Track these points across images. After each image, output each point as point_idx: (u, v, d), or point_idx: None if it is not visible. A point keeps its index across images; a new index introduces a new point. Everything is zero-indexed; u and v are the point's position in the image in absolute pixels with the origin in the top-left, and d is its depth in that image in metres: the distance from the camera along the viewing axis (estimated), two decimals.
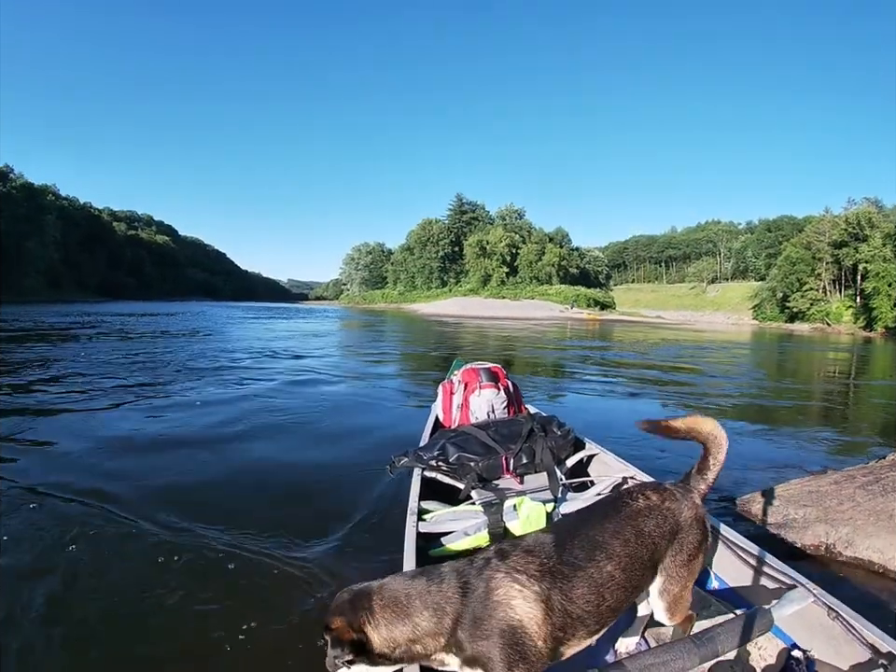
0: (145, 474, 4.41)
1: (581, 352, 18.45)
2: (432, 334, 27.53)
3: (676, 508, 1.77)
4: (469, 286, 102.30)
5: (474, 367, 4.17)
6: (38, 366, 10.27)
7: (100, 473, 4.40)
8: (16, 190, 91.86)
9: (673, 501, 1.78)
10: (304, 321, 37.55)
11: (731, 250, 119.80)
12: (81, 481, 4.17)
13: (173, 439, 5.61)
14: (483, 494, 2.89)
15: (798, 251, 78.49)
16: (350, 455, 5.17)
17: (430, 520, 2.64)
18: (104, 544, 3.23)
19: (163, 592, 2.73)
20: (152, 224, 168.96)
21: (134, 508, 3.71)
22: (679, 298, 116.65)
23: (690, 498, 1.82)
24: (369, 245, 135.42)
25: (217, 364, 11.58)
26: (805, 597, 1.85)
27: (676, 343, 25.71)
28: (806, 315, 74.02)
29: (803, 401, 10.13)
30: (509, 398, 4.08)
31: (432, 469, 3.13)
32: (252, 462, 4.98)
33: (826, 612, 1.80)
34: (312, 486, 4.30)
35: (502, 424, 3.45)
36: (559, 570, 1.54)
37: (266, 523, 3.53)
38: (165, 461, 4.85)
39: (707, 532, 1.81)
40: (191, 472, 4.57)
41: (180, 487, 4.19)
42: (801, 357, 23.23)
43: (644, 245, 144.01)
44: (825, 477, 4.16)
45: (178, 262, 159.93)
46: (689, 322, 74.14)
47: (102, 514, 3.61)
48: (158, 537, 3.31)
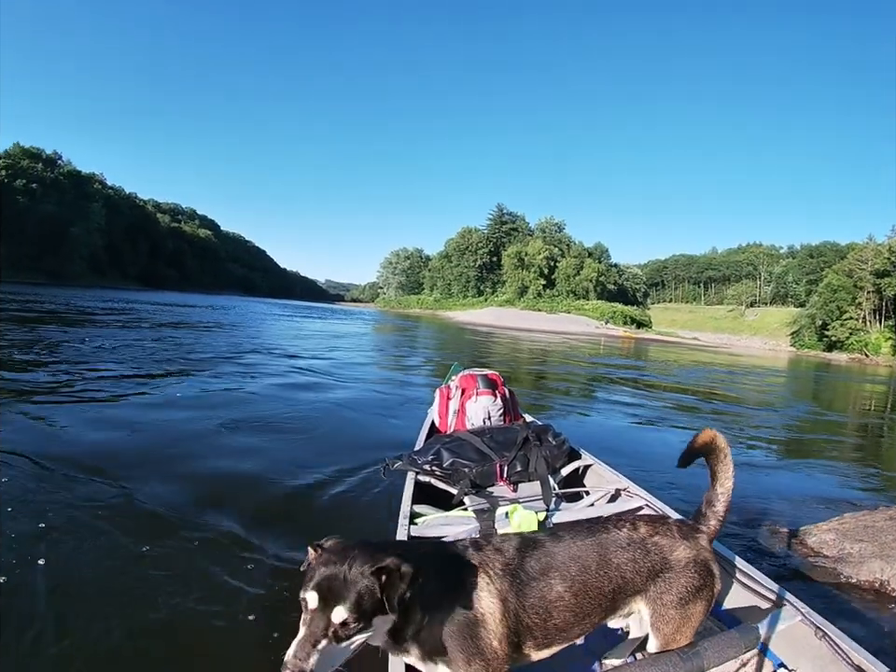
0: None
1: (612, 371, 17.65)
2: (465, 343, 26.96)
3: (667, 545, 1.66)
4: (506, 296, 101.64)
5: (472, 373, 4.14)
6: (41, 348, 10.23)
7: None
8: (63, 177, 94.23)
9: (666, 537, 1.67)
10: (340, 321, 37.45)
11: (771, 274, 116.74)
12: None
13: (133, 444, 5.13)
14: (475, 500, 2.86)
15: (840, 279, 76.12)
16: (346, 457, 5.09)
17: (422, 524, 2.60)
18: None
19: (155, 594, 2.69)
20: (195, 218, 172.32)
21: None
22: (716, 320, 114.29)
23: (693, 539, 1.70)
24: (407, 250, 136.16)
25: (220, 359, 11.44)
26: (792, 616, 1.84)
27: (712, 367, 24.76)
28: (845, 344, 71.54)
29: (845, 436, 9.63)
30: (505, 405, 4.04)
31: (426, 473, 3.12)
32: (240, 454, 5.00)
33: (813, 632, 1.79)
34: (302, 488, 4.23)
35: (497, 431, 3.42)
36: (517, 575, 1.55)
37: (256, 517, 3.59)
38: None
39: (709, 578, 1.67)
40: (166, 477, 4.31)
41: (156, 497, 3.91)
42: (838, 387, 22.28)
43: (684, 265, 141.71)
44: (879, 513, 4.13)
45: (219, 256, 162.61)
46: (725, 345, 72.32)
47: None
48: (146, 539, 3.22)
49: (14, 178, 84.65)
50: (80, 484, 3.88)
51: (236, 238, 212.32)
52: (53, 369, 8.26)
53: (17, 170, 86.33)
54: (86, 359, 9.41)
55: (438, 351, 20.92)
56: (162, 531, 3.30)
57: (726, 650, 1.62)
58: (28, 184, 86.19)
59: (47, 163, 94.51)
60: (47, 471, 4.04)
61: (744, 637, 1.67)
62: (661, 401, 11.02)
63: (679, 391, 13.07)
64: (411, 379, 11.31)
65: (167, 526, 3.38)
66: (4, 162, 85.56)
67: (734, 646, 1.64)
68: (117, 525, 3.32)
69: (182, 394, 7.42)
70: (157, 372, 8.84)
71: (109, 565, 2.92)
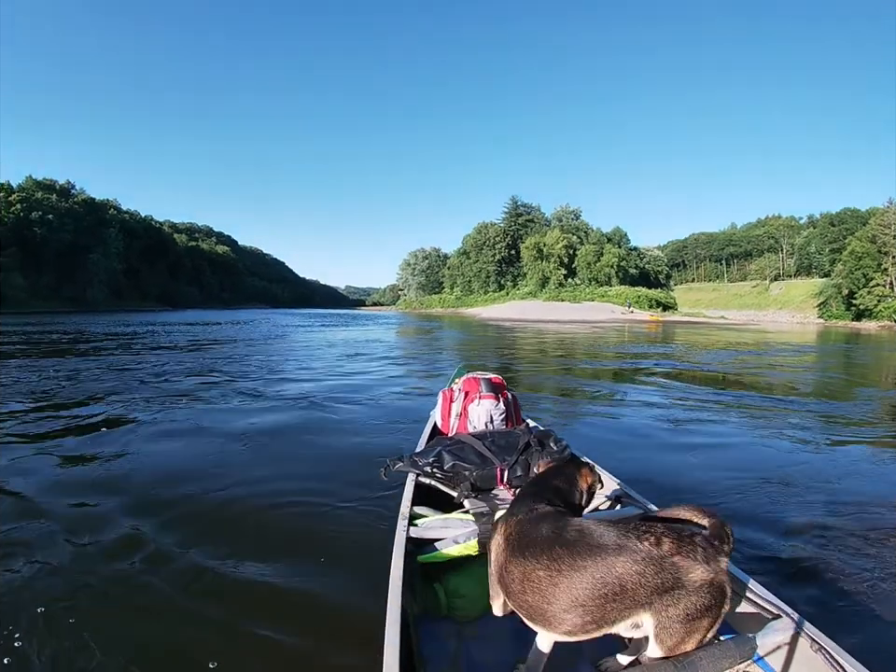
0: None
1: (638, 362, 15.71)
2: (490, 341, 25.71)
3: (685, 566, 1.58)
4: (527, 289, 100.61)
5: (476, 376, 4.11)
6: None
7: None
8: (78, 206, 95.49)
9: (687, 559, 1.58)
10: (362, 328, 36.29)
11: (793, 246, 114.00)
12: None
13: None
14: (475, 503, 2.82)
15: (863, 245, 73.70)
16: (349, 457, 5.23)
17: (421, 525, 2.62)
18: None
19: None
20: (212, 235, 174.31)
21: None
22: (740, 297, 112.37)
23: (714, 561, 1.60)
24: (425, 250, 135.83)
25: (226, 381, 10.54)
26: (788, 627, 1.83)
27: (745, 348, 22.68)
28: (874, 312, 69.48)
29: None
30: (507, 409, 3.99)
31: (427, 475, 3.12)
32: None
33: (810, 644, 1.77)
34: (304, 492, 4.28)
35: (499, 435, 3.36)
36: (511, 540, 1.76)
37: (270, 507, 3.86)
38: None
39: (720, 598, 1.61)
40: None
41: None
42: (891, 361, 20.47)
43: (703, 244, 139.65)
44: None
45: (238, 271, 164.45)
46: (753, 322, 70.36)
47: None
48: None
49: (30, 211, 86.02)
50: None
51: (254, 252, 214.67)
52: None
53: (31, 202, 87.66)
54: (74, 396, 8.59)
55: (462, 351, 19.83)
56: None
57: (721, 660, 1.61)
58: (44, 215, 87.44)
59: (61, 193, 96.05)
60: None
61: (739, 647, 1.67)
62: (692, 395, 9.37)
63: (713, 383, 10.92)
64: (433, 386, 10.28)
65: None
66: (18, 196, 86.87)
67: (729, 657, 1.63)
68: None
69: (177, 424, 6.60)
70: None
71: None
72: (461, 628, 2.31)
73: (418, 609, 2.31)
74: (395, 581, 2.00)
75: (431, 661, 2.05)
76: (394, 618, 1.76)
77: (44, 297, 78.62)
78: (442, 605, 2.38)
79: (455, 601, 2.38)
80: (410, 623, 1.99)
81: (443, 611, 2.37)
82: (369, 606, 2.34)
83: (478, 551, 2.43)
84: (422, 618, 2.31)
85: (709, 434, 6.53)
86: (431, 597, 2.41)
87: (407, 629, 1.86)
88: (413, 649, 1.89)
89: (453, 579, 2.46)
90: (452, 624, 2.33)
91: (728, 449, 5.89)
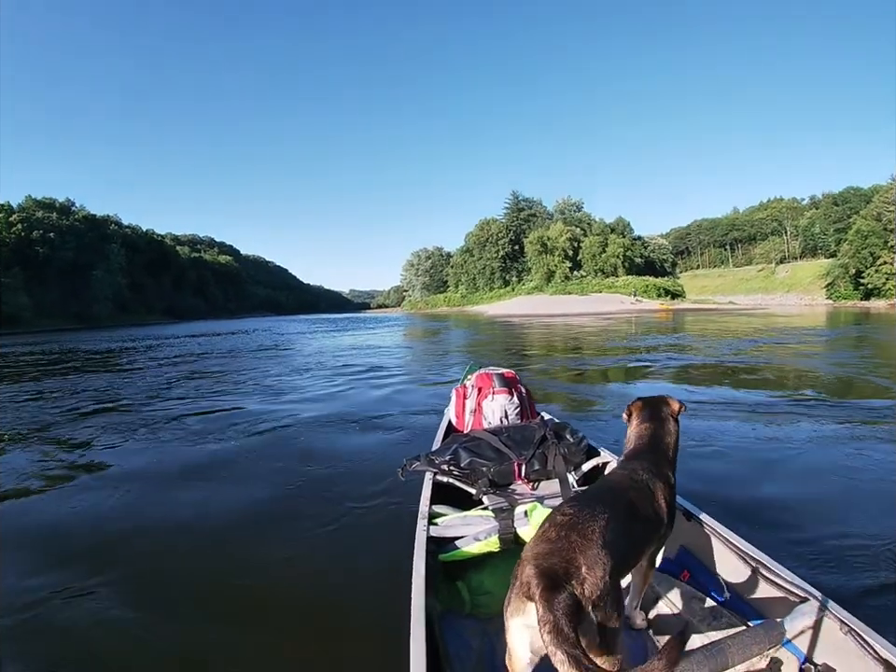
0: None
1: (649, 359, 13.93)
2: (498, 339, 25.10)
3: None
4: (533, 283, 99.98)
5: (488, 372, 4.10)
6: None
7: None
8: (79, 222, 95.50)
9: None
10: (371, 332, 35.88)
11: (797, 228, 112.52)
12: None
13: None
14: (494, 499, 2.81)
15: (869, 224, 72.79)
16: (365, 460, 5.27)
17: (441, 524, 2.62)
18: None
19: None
20: (214, 245, 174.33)
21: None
22: (747, 281, 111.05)
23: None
24: (427, 249, 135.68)
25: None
26: (816, 611, 1.83)
27: (763, 334, 21.75)
28: (882, 290, 68.80)
29: None
30: (522, 403, 3.97)
31: (444, 473, 3.07)
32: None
33: (839, 627, 1.76)
34: (323, 493, 4.37)
35: (515, 429, 3.36)
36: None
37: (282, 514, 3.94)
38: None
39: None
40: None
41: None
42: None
43: (707, 230, 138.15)
44: None
45: (241, 280, 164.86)
46: (761, 306, 69.47)
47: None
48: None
49: (31, 230, 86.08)
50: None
51: (257, 260, 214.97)
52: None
53: (32, 222, 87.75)
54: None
55: (473, 353, 19.23)
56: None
57: (750, 646, 1.63)
58: (45, 234, 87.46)
59: (61, 211, 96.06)
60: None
61: (768, 632, 1.69)
62: (713, 393, 8.57)
63: (734, 381, 9.62)
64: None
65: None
66: (19, 217, 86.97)
67: (758, 642, 1.65)
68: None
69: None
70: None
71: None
72: (485, 625, 2.23)
73: (442, 607, 2.29)
74: (417, 580, 2.00)
75: (457, 658, 2.02)
76: (418, 617, 1.77)
77: (49, 315, 78.65)
78: (466, 603, 2.35)
79: (478, 598, 2.36)
80: (434, 621, 1.97)
81: (467, 609, 2.33)
82: (392, 607, 2.24)
83: (499, 547, 2.45)
84: (446, 616, 2.27)
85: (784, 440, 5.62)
86: (455, 596, 2.40)
87: (431, 628, 1.85)
88: (439, 647, 1.87)
89: (475, 576, 2.47)
90: (476, 622, 2.27)
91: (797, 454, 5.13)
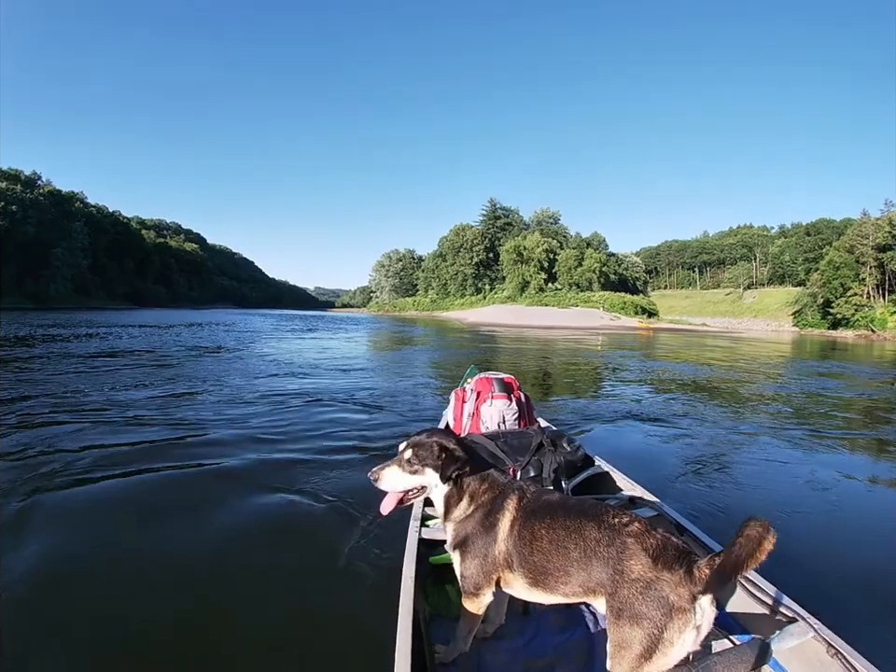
0: None
1: (656, 391, 11.74)
2: (496, 353, 23.47)
3: (631, 551, 1.60)
4: (507, 292, 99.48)
5: (488, 376, 4.00)
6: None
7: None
8: (43, 197, 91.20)
9: (638, 547, 1.60)
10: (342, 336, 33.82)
11: (767, 255, 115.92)
12: None
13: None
14: None
15: (842, 255, 75.25)
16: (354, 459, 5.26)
17: (433, 526, 2.66)
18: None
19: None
20: (181, 232, 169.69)
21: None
22: (714, 304, 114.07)
23: (672, 572, 1.54)
24: (399, 251, 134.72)
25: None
26: (805, 632, 1.84)
27: (756, 359, 21.27)
28: (850, 321, 71.05)
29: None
30: (520, 409, 3.90)
31: None
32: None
33: (826, 648, 1.77)
34: (316, 494, 4.29)
35: (512, 435, 3.31)
36: (528, 508, 1.89)
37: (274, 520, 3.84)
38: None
39: (659, 617, 1.50)
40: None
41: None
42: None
43: (676, 251, 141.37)
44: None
45: (206, 270, 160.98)
46: (736, 330, 70.63)
47: None
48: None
49: None
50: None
51: (223, 250, 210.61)
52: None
53: None
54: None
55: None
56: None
57: (736, 664, 1.61)
58: (7, 206, 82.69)
59: (26, 184, 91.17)
60: None
61: (755, 650, 1.67)
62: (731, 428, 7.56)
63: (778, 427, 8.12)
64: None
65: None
66: None
67: (744, 660, 1.62)
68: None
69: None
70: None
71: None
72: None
73: (430, 609, 2.32)
74: (407, 582, 2.04)
75: (443, 661, 2.01)
76: (406, 619, 1.81)
77: (1, 293, 74.32)
78: (454, 606, 2.32)
79: None
80: (422, 623, 1.99)
81: (455, 612, 2.23)
82: (381, 607, 2.22)
83: None
84: (434, 619, 2.29)
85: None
86: (443, 598, 2.42)
87: (419, 630, 1.90)
88: (426, 649, 1.88)
89: None
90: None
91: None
